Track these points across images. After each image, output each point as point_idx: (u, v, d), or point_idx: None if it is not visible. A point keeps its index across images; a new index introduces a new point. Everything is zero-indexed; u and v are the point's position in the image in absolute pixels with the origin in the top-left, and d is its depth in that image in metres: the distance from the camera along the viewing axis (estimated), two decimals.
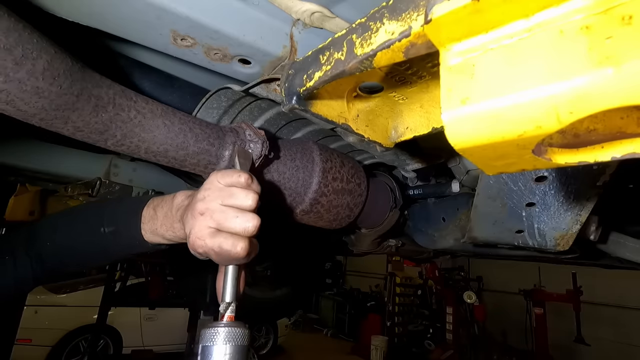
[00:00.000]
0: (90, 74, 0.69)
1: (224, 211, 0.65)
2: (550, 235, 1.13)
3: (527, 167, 0.38)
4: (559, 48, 0.30)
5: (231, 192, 0.67)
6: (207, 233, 0.63)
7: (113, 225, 0.79)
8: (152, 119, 0.78)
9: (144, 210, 0.78)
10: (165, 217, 0.75)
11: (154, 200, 0.79)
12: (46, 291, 5.84)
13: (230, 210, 0.65)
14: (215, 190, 0.67)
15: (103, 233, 0.79)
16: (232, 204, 0.66)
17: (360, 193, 1.21)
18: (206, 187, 0.68)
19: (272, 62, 0.88)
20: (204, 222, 0.64)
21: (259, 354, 7.32)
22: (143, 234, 0.77)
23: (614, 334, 7.86)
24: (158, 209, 0.77)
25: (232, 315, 0.65)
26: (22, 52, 0.57)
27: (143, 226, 0.77)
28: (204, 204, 0.66)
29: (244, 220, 0.64)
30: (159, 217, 0.76)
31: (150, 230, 0.77)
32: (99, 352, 5.71)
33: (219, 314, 0.65)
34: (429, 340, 8.40)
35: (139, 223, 0.77)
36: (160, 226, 0.75)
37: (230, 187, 0.68)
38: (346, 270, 13.43)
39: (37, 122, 0.67)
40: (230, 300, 0.66)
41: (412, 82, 0.72)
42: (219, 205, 0.65)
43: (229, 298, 0.66)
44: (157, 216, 0.76)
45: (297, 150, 1.09)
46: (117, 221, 0.80)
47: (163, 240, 0.78)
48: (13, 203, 2.10)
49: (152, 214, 0.77)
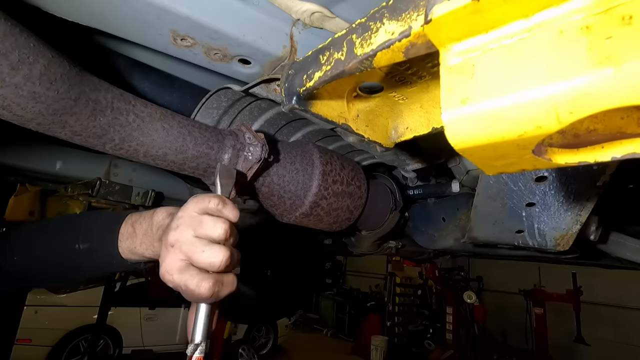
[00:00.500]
0: (88, 78, 0.69)
1: (193, 244, 0.59)
2: (550, 235, 1.13)
3: (527, 167, 0.38)
4: (559, 48, 0.30)
5: (201, 220, 0.61)
6: (176, 268, 0.59)
7: (88, 242, 0.75)
8: (150, 122, 0.78)
9: (122, 227, 0.74)
10: (145, 235, 0.71)
11: (132, 217, 0.75)
12: (46, 291, 5.83)
13: (198, 242, 0.59)
14: (187, 219, 0.61)
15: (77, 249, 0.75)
16: (201, 234, 0.60)
17: (360, 195, 1.21)
18: (179, 214, 0.63)
19: (272, 62, 0.88)
20: (174, 255, 0.59)
21: (259, 354, 7.32)
22: (120, 252, 0.73)
23: (614, 334, 7.86)
24: (137, 225, 0.72)
25: (201, 356, 0.61)
26: (18, 57, 0.57)
27: (120, 244, 0.73)
28: (175, 234, 0.60)
29: (210, 255, 0.58)
30: (138, 235, 0.71)
31: (128, 248, 0.72)
32: (99, 352, 5.71)
33: (187, 356, 0.61)
34: (429, 340, 8.40)
35: (115, 240, 0.73)
36: (139, 245, 0.71)
37: (203, 214, 0.62)
38: (346, 270, 13.44)
39: (34, 127, 0.66)
40: (200, 341, 0.62)
41: (412, 82, 0.72)
42: (190, 236, 0.60)
43: (198, 339, 0.62)
44: (135, 234, 0.72)
45: (297, 153, 1.09)
46: (92, 238, 0.75)
47: (142, 259, 0.73)
48: (13, 203, 2.10)
49: (130, 231, 0.72)
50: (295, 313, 10.74)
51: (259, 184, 1.02)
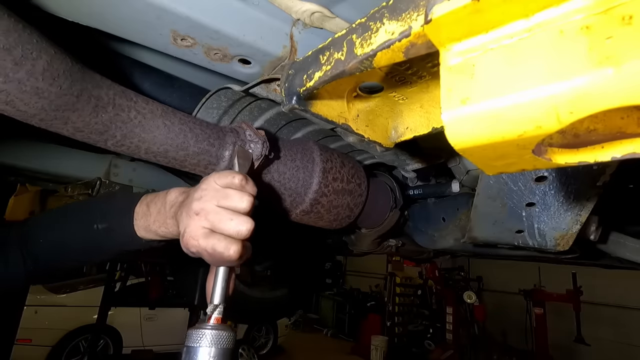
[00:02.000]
0: (90, 75, 0.69)
1: (219, 213, 0.64)
2: (550, 235, 1.13)
3: (527, 167, 0.38)
4: (559, 48, 0.30)
5: (226, 193, 0.66)
6: (201, 233, 0.63)
7: (106, 222, 0.79)
8: (152, 119, 0.78)
9: (137, 207, 0.77)
10: (159, 213, 0.74)
11: (147, 197, 0.79)
12: (46, 291, 5.83)
13: (224, 212, 0.65)
14: (211, 191, 0.67)
15: (96, 229, 0.79)
16: (227, 205, 0.65)
17: (360, 193, 1.21)
18: (203, 187, 0.68)
19: (272, 62, 0.88)
20: (199, 222, 0.64)
21: (259, 354, 7.32)
22: (136, 230, 0.77)
23: (614, 334, 7.86)
24: (151, 205, 0.76)
25: (220, 317, 0.65)
26: (21, 53, 0.57)
27: (136, 222, 0.77)
28: (199, 203, 0.65)
29: (238, 223, 0.64)
30: (152, 214, 0.75)
31: (143, 226, 0.76)
32: (99, 352, 5.71)
33: (207, 315, 0.65)
34: (429, 340, 8.40)
35: (131, 219, 0.77)
36: (153, 222, 0.75)
37: (226, 188, 0.67)
38: (346, 270, 13.43)
39: (36, 123, 0.67)
40: (219, 302, 0.66)
41: (412, 82, 0.72)
42: (214, 206, 0.65)
43: (217, 300, 0.66)
44: (150, 212, 0.76)
45: (297, 151, 1.09)
46: (109, 218, 0.79)
47: (156, 237, 0.77)
48: (13, 203, 2.10)
49: (145, 210, 0.76)
50: (295, 313, 10.74)
51: (259, 180, 1.02)
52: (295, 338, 9.49)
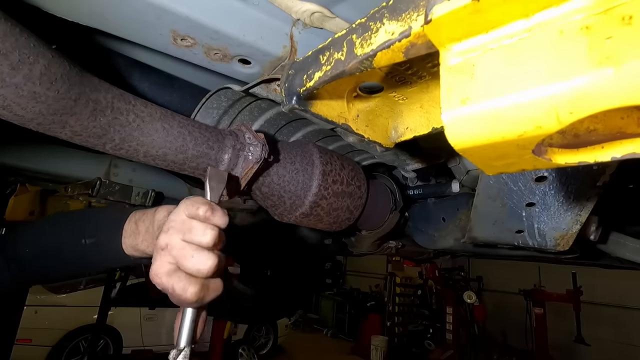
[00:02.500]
0: (88, 78, 0.69)
1: (183, 248, 0.60)
2: (550, 235, 1.13)
3: (527, 167, 0.38)
4: (559, 48, 0.30)
5: (191, 226, 0.62)
6: (165, 271, 0.60)
7: (94, 237, 0.77)
8: (150, 122, 0.78)
9: (126, 224, 0.75)
10: (147, 232, 0.72)
11: (135, 214, 0.77)
12: (46, 291, 5.83)
13: (188, 247, 0.60)
14: (178, 223, 0.62)
15: (84, 244, 0.77)
16: (191, 240, 0.61)
17: (360, 195, 1.21)
18: (172, 217, 0.64)
19: (272, 62, 0.88)
20: (164, 258, 0.60)
21: (259, 354, 7.32)
22: (124, 248, 0.75)
23: (614, 334, 7.86)
24: (139, 223, 0.74)
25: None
26: (18, 57, 0.57)
27: (124, 240, 0.74)
28: (166, 237, 0.61)
29: (198, 261, 0.59)
30: (141, 233, 0.73)
31: (131, 245, 0.74)
32: (99, 352, 5.71)
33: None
34: (429, 340, 8.40)
35: (120, 237, 0.75)
36: (141, 242, 0.73)
37: (191, 219, 0.63)
38: (346, 270, 13.43)
39: (34, 127, 0.66)
40: (183, 346, 0.62)
41: (412, 82, 0.72)
42: (179, 240, 0.61)
43: (182, 343, 0.62)
44: (138, 231, 0.73)
45: (297, 153, 1.09)
46: (98, 233, 0.78)
47: (145, 255, 0.75)
48: (13, 203, 2.10)
49: (133, 228, 0.74)
50: (295, 313, 10.74)
51: (259, 183, 1.02)
52: (295, 338, 9.49)
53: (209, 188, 0.73)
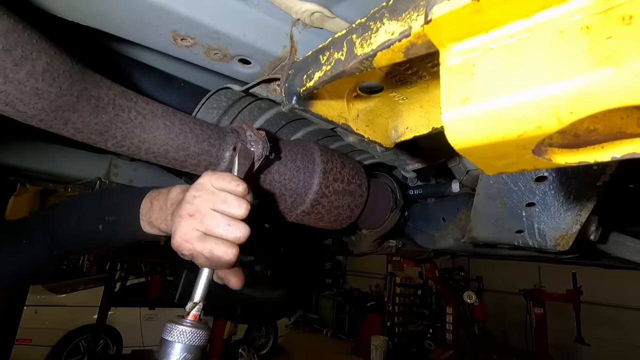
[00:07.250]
0: (90, 75, 0.69)
1: (215, 217, 0.64)
2: (550, 235, 1.13)
3: (527, 167, 0.38)
4: (559, 48, 0.30)
5: (224, 198, 0.66)
6: (195, 236, 0.63)
7: (115, 215, 0.82)
8: (152, 119, 0.78)
9: (143, 203, 0.80)
10: (161, 210, 0.76)
11: (152, 193, 0.81)
12: (46, 291, 5.84)
13: (220, 216, 0.64)
14: (207, 193, 0.66)
15: (107, 221, 0.83)
16: (223, 210, 0.65)
17: (361, 194, 1.21)
18: (197, 187, 0.67)
19: (272, 62, 0.88)
20: (192, 225, 0.64)
21: (259, 354, 7.31)
22: (141, 224, 0.79)
23: (614, 334, 7.86)
24: (154, 201, 0.78)
25: (198, 314, 0.67)
26: (21, 53, 0.57)
27: (141, 217, 0.79)
28: (193, 206, 0.65)
29: (236, 230, 0.64)
30: (155, 210, 0.77)
31: (147, 221, 0.79)
32: (99, 352, 5.71)
33: (185, 311, 0.67)
34: (429, 340, 8.40)
35: (137, 214, 0.79)
36: (155, 219, 0.77)
37: (223, 192, 0.67)
38: (346, 270, 13.43)
39: (36, 123, 0.67)
40: (198, 300, 0.68)
41: (412, 82, 0.72)
42: (209, 209, 0.64)
43: (197, 298, 0.68)
44: (153, 209, 0.78)
45: (298, 151, 1.09)
46: (118, 211, 0.83)
47: (159, 232, 0.79)
48: (13, 203, 2.10)
49: (149, 206, 0.79)
50: (295, 313, 10.74)
51: (260, 181, 1.02)
52: (295, 338, 9.50)
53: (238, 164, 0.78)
